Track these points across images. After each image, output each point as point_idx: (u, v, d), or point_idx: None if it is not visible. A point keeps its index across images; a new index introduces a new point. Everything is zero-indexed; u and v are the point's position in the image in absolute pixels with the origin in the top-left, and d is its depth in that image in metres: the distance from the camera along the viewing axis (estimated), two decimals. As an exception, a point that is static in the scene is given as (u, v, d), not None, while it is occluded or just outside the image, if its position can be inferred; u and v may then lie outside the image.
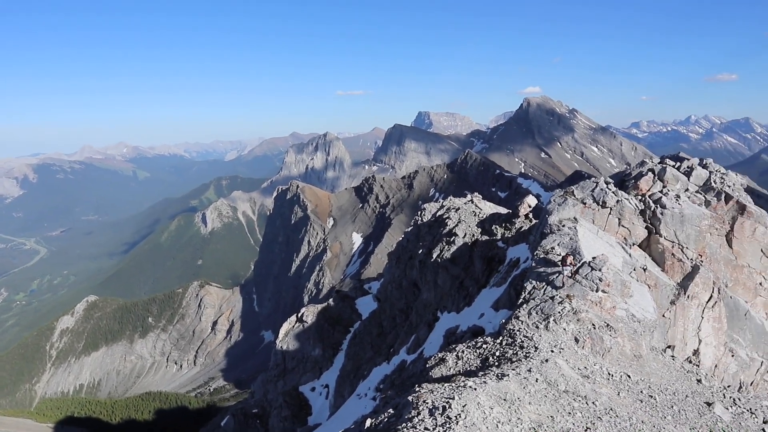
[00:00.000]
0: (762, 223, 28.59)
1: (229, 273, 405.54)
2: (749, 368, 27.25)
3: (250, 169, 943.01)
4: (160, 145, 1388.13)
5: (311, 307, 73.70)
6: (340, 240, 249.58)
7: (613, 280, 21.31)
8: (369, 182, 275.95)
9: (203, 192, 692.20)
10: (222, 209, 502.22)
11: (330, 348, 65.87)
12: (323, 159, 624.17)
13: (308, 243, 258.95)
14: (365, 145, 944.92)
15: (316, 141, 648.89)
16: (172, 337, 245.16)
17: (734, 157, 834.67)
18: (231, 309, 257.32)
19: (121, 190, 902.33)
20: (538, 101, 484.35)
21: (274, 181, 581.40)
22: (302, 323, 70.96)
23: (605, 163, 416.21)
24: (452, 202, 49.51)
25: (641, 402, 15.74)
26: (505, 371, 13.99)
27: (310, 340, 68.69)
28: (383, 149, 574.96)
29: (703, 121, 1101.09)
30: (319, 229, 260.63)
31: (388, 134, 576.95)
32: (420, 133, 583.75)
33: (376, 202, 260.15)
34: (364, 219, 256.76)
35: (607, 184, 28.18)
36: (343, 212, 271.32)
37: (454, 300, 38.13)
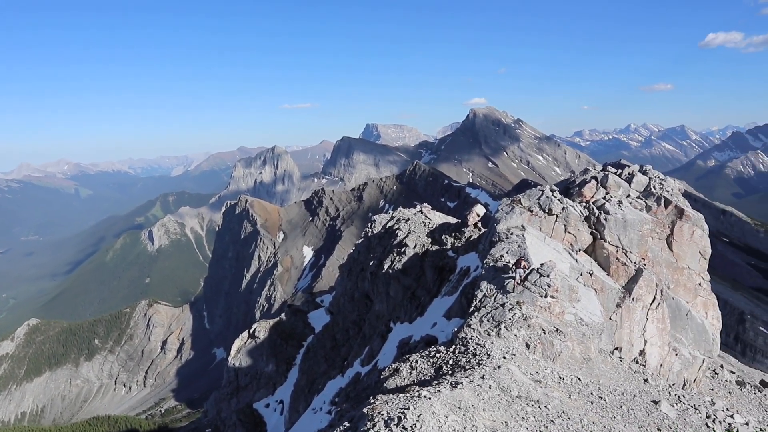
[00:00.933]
0: (699, 226, 29.68)
1: (178, 291, 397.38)
2: (692, 366, 28.16)
3: (197, 184, 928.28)
4: (104, 162, 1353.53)
5: (263, 323, 72.81)
6: (291, 254, 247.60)
7: (561, 285, 21.76)
8: (318, 195, 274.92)
9: (149, 209, 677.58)
10: (169, 226, 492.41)
11: (283, 363, 65.13)
12: (272, 173, 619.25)
13: (258, 258, 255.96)
14: (314, 158, 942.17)
15: (264, 155, 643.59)
16: (120, 359, 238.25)
17: (672, 164, 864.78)
18: (181, 327, 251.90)
19: (62, 209, 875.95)
20: (485, 112, 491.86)
21: (223, 196, 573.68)
22: (254, 339, 70.02)
23: (550, 171, 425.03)
24: (402, 213, 49.74)
25: (592, 403, 16.10)
26: (458, 379, 14.11)
27: (263, 356, 67.79)
28: (332, 162, 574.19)
29: (642, 129, 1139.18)
30: (269, 243, 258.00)
31: (336, 147, 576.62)
32: (368, 145, 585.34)
33: (326, 215, 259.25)
34: (314, 232, 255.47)
35: (553, 191, 28.81)
36: (293, 226, 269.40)
37: (406, 310, 38.24)
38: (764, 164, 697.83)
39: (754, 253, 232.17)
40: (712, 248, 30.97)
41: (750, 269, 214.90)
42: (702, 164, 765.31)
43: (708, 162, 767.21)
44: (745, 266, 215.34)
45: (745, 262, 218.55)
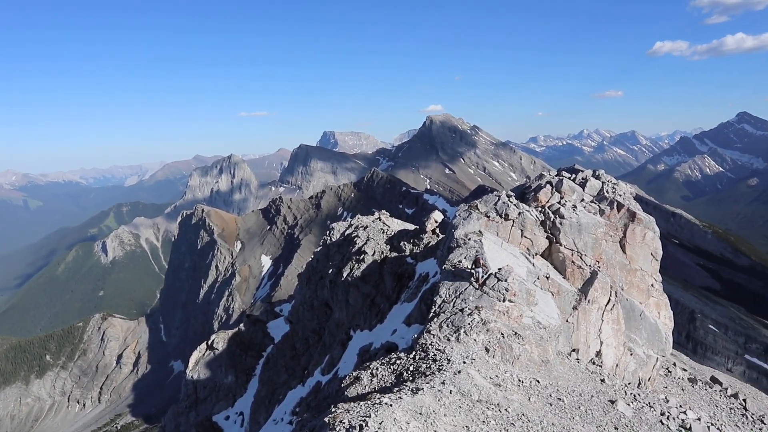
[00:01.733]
0: (651, 228, 30.42)
1: (133, 303, 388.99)
2: (646, 365, 28.80)
3: (152, 194, 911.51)
4: (54, 172, 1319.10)
5: (222, 334, 71.79)
6: (249, 263, 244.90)
7: (518, 289, 22.02)
8: (276, 203, 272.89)
9: (102, 220, 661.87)
10: (123, 237, 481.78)
11: (243, 374, 64.32)
12: (228, 181, 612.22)
13: (216, 268, 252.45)
14: (271, 167, 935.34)
15: (221, 163, 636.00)
16: (73, 375, 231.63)
17: (623, 168, 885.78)
18: (137, 340, 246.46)
19: (10, 221, 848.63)
20: (441, 119, 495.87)
21: (178, 205, 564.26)
22: (213, 350, 68.96)
23: (507, 177, 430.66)
24: (360, 220, 49.76)
25: (551, 405, 16.33)
26: (419, 385, 14.15)
27: (222, 368, 66.82)
28: (289, 170, 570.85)
29: (595, 134, 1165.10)
30: (226, 253, 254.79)
31: (293, 155, 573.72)
32: (326, 152, 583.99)
33: (284, 224, 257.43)
34: (272, 241, 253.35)
35: (509, 197, 29.18)
36: (251, 235, 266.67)
37: (366, 318, 38.23)
38: (710, 168, 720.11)
39: (703, 253, 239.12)
40: (663, 250, 31.77)
41: (699, 269, 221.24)
42: (652, 168, 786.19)
43: (658, 166, 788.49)
44: (694, 267, 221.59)
45: (694, 263, 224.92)
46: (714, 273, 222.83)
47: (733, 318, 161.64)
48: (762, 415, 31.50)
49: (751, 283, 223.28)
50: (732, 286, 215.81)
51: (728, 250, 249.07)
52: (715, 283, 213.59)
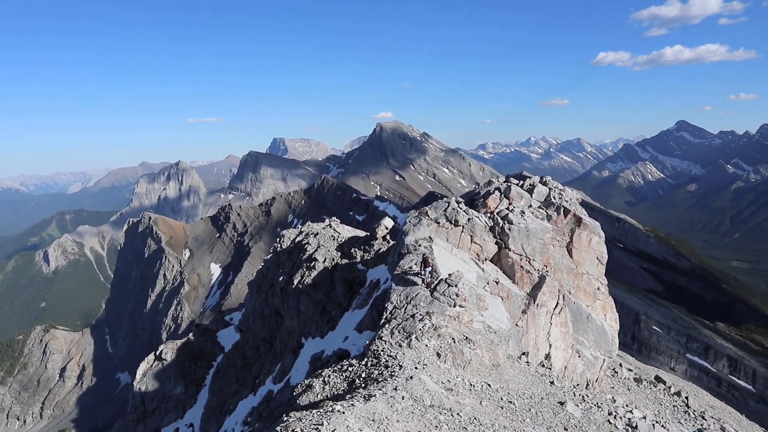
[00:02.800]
0: (596, 233, 31.15)
1: (77, 314, 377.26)
2: (594, 366, 29.41)
3: (97, 201, 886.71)
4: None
5: (170, 344, 70.30)
6: (198, 272, 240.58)
7: (468, 294, 22.21)
8: (225, 211, 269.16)
9: (44, 228, 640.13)
10: (66, 246, 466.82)
11: (192, 384, 63.08)
12: (176, 188, 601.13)
13: (164, 276, 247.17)
14: (220, 173, 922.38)
15: (168, 170, 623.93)
16: (12, 390, 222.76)
17: (570, 174, 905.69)
18: (81, 353, 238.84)
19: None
20: (391, 126, 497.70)
21: (125, 213, 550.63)
22: (161, 361, 67.45)
23: (456, 183, 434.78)
24: (311, 227, 49.52)
25: (502, 408, 16.51)
26: (372, 392, 14.12)
27: (170, 379, 65.39)
28: (239, 177, 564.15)
29: (542, 142, 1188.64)
30: (174, 261, 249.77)
31: (243, 161, 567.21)
32: (276, 159, 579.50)
33: (233, 231, 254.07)
34: (222, 249, 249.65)
35: (459, 203, 29.44)
36: (199, 243, 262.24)
37: (317, 325, 38.00)
38: (652, 174, 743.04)
39: (646, 257, 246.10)
40: (608, 254, 32.56)
41: (643, 272, 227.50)
42: (597, 175, 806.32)
43: (602, 172, 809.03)
44: (638, 270, 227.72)
45: (638, 266, 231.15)
46: (657, 276, 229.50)
47: (675, 319, 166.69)
48: (703, 411, 32.61)
49: (692, 285, 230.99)
50: (674, 288, 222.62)
51: (670, 254, 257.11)
52: (658, 286, 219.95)
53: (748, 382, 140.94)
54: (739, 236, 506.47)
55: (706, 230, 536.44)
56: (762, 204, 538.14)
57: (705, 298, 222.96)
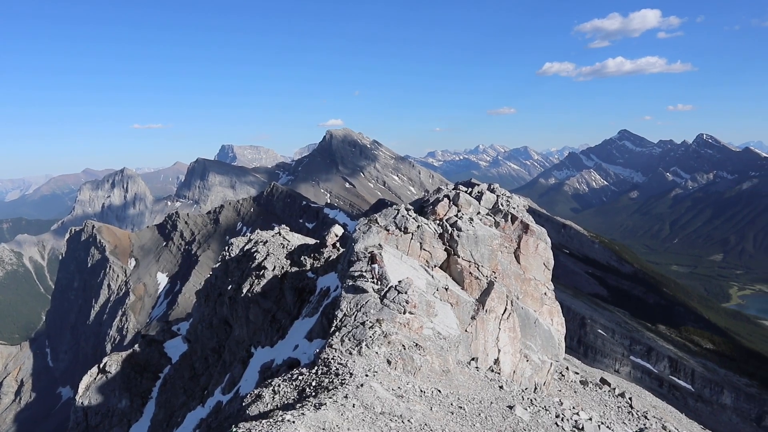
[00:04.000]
0: (543, 239, 31.75)
1: (16, 327, 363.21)
2: (541, 370, 29.93)
3: (36, 209, 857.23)
4: None
5: (115, 356, 68.38)
6: (144, 281, 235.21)
7: (418, 301, 22.33)
8: (173, 219, 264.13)
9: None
10: (4, 256, 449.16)
11: (138, 397, 61.49)
12: (121, 196, 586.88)
13: (108, 287, 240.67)
14: (167, 181, 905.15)
15: (113, 177, 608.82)
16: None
17: (517, 182, 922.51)
18: (19, 367, 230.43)
19: None
20: (341, 133, 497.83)
21: (66, 221, 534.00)
22: (105, 374, 65.55)
23: (406, 191, 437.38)
24: (260, 235, 49.04)
25: (452, 414, 16.63)
26: (322, 400, 14.05)
27: (115, 392, 63.60)
28: (186, 184, 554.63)
29: (490, 150, 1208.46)
30: (119, 270, 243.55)
31: (190, 168, 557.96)
32: (224, 166, 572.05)
33: (181, 239, 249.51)
34: (169, 257, 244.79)
35: (408, 210, 29.60)
36: (145, 251, 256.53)
37: (267, 334, 37.61)
38: (596, 182, 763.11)
39: (591, 262, 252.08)
40: (554, 259, 33.21)
41: (588, 277, 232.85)
42: (544, 182, 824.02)
43: (549, 180, 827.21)
44: (584, 275, 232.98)
45: (583, 271, 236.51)
46: (601, 280, 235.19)
47: (619, 322, 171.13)
48: (646, 411, 33.58)
49: (635, 289, 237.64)
50: (617, 292, 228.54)
51: (613, 259, 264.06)
52: (603, 290, 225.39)
53: (688, 382, 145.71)
54: (678, 241, 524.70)
55: (648, 236, 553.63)
56: (699, 211, 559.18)
57: (647, 301, 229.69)
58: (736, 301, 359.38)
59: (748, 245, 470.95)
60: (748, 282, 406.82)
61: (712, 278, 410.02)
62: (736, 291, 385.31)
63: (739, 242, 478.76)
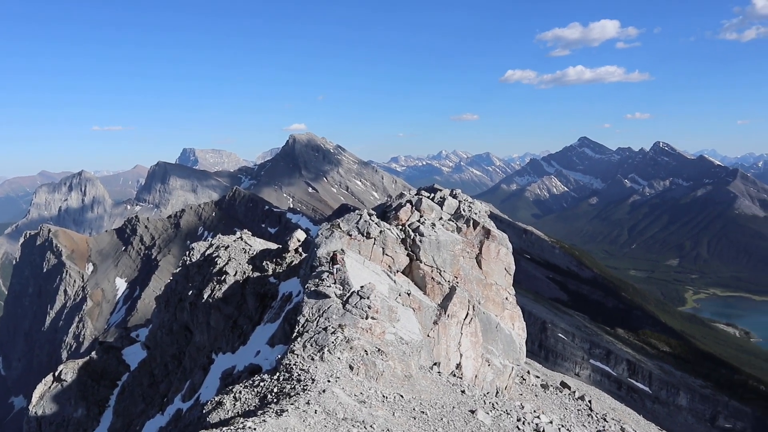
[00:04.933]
0: (504, 245, 32.08)
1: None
2: (503, 374, 30.18)
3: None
4: None
5: (71, 363, 66.80)
6: (102, 287, 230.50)
7: (381, 306, 22.31)
8: (132, 223, 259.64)
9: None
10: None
11: (95, 406, 60.13)
12: (79, 199, 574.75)
13: (65, 292, 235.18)
14: (126, 184, 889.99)
15: (70, 180, 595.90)
16: None
17: (479, 187, 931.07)
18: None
19: None
20: (304, 138, 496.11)
21: (21, 225, 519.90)
22: (61, 382, 63.96)
23: (369, 196, 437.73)
24: (221, 240, 48.51)
25: (414, 419, 16.66)
26: (284, 407, 13.93)
27: (71, 401, 62.10)
28: (147, 188, 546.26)
29: (453, 155, 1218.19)
30: (76, 276, 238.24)
31: (151, 172, 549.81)
32: (186, 170, 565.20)
33: (140, 244, 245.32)
34: (128, 262, 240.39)
35: (371, 215, 29.61)
36: (104, 256, 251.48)
37: (228, 340, 37.19)
38: (557, 188, 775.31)
39: (552, 267, 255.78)
40: (515, 264, 33.56)
41: (549, 282, 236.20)
42: (505, 188, 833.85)
43: (510, 186, 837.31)
44: (545, 279, 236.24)
45: (544, 276, 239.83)
46: (562, 285, 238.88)
47: (579, 326, 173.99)
48: (605, 413, 34.12)
49: (594, 293, 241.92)
50: (577, 296, 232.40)
51: (573, 264, 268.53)
52: (563, 295, 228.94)
53: (645, 384, 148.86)
54: (636, 247, 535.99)
55: (607, 241, 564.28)
56: (656, 217, 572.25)
57: (606, 305, 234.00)
58: (692, 305, 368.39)
59: (702, 250, 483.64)
60: (703, 286, 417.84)
61: (669, 282, 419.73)
62: (691, 295, 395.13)
63: (694, 247, 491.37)
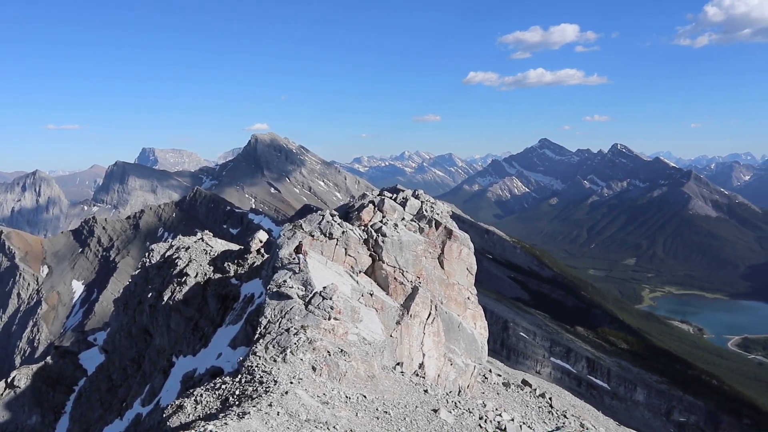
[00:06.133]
0: (466, 245, 32.37)
1: None
2: (465, 373, 30.44)
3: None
4: None
5: (24, 369, 65.10)
6: (58, 289, 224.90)
7: (343, 307, 22.32)
8: (89, 224, 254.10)
9: None
10: None
11: (50, 412, 58.71)
12: (34, 200, 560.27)
13: (18, 296, 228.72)
14: (83, 184, 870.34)
15: (24, 180, 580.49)
16: None
17: (442, 188, 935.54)
18: None
19: None
20: (267, 138, 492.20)
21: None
22: (14, 389, 62.29)
23: (332, 196, 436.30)
24: (182, 241, 47.89)
25: (378, 419, 16.68)
26: (246, 409, 13.83)
27: (24, 407, 60.51)
28: (105, 188, 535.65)
29: (415, 156, 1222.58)
30: (30, 279, 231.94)
31: (109, 172, 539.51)
32: (145, 170, 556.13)
33: (98, 246, 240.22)
34: (85, 264, 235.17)
35: (333, 216, 29.59)
36: (59, 258, 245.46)
37: (189, 343, 36.71)
38: (518, 188, 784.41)
39: (513, 267, 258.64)
40: (477, 264, 33.90)
41: (510, 281, 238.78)
42: (468, 188, 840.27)
43: (473, 186, 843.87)
44: (506, 279, 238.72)
45: (506, 276, 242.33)
46: (523, 284, 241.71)
47: (540, 325, 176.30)
48: (565, 410, 34.68)
49: (554, 292, 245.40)
50: (538, 295, 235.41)
51: (534, 263, 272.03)
52: (524, 294, 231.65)
53: (604, 381, 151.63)
54: (595, 246, 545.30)
55: (567, 241, 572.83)
56: (613, 217, 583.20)
57: (566, 304, 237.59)
58: (648, 303, 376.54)
59: (658, 250, 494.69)
60: (659, 284, 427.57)
61: (626, 281, 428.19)
62: (647, 293, 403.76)
63: (650, 247, 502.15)
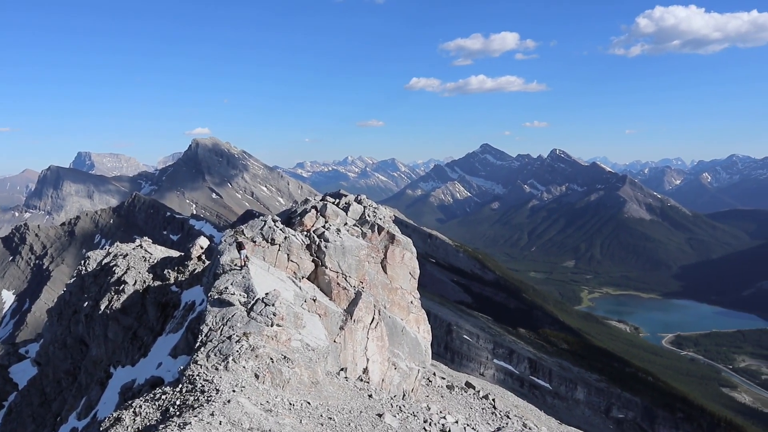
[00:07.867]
0: (409, 249, 32.62)
1: None
2: (409, 377, 30.63)
3: None
4: None
5: (-50, 384, 62.23)
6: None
7: (286, 313, 22.16)
8: (21, 231, 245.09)
9: None
10: None
11: (-22, 430, 56.28)
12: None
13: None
14: (14, 189, 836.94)
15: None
16: None
17: (385, 193, 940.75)
18: None
19: None
20: (208, 142, 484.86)
21: None
22: (-61, 404, 59.48)
23: (275, 201, 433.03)
24: (120, 248, 46.69)
25: (322, 425, 16.63)
26: (187, 419, 13.58)
27: (-50, 424, 57.85)
28: (37, 193, 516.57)
29: (359, 161, 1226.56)
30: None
31: (42, 176, 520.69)
32: (81, 175, 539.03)
33: (30, 254, 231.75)
34: (16, 274, 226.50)
35: (275, 221, 29.41)
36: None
37: (128, 352, 35.78)
38: (460, 193, 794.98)
39: (456, 270, 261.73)
40: (421, 268, 34.23)
41: (454, 285, 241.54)
42: (411, 193, 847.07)
43: (416, 191, 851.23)
44: (449, 283, 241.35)
45: (449, 279, 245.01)
46: (466, 288, 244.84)
47: (483, 327, 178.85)
48: (508, 411, 35.31)
49: (497, 295, 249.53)
50: (481, 298, 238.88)
51: (477, 267, 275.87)
52: (468, 297, 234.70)
53: (546, 381, 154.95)
54: (536, 249, 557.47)
55: (508, 244, 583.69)
56: (553, 220, 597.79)
57: (508, 306, 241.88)
58: (587, 304, 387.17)
59: (596, 252, 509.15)
60: (597, 286, 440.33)
61: (566, 283, 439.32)
62: (586, 294, 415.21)
63: (588, 249, 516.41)
